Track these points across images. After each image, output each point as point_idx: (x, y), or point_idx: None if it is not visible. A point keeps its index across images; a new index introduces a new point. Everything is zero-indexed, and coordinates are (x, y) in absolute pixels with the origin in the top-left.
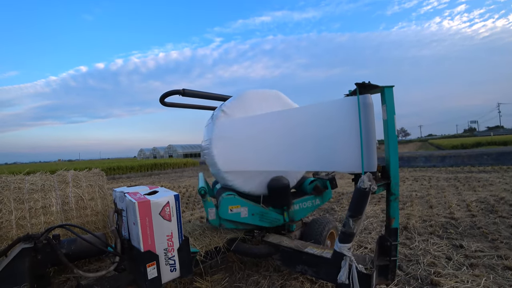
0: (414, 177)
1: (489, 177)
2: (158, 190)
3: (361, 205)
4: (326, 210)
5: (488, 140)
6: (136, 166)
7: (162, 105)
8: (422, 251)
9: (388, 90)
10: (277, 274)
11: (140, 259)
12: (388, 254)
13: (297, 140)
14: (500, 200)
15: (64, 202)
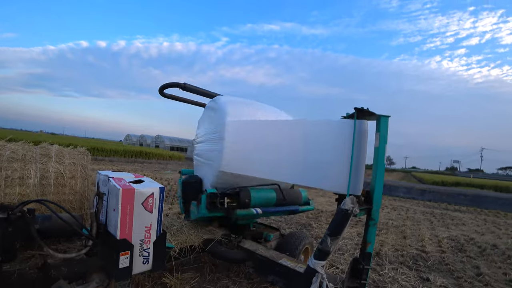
0: (393, 206)
1: (463, 217)
2: (144, 179)
3: (341, 225)
4: (303, 225)
5: (467, 181)
6: (121, 150)
7: (160, 95)
8: (391, 279)
9: (384, 119)
10: (247, 282)
11: (114, 246)
12: (359, 277)
13: (289, 152)
14: (470, 240)
15: (43, 176)
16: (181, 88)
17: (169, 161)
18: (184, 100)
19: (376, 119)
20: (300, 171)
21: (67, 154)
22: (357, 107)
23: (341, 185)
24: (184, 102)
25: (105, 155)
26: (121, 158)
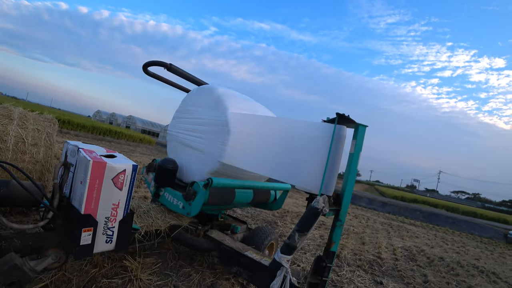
0: (355, 214)
1: (417, 230)
2: (116, 155)
3: (310, 222)
4: (269, 222)
5: (424, 199)
6: (89, 126)
7: (144, 72)
8: (348, 280)
9: (361, 128)
10: (210, 271)
11: (77, 221)
12: (321, 274)
13: (269, 147)
14: (421, 251)
15: (1, 139)
16: (166, 68)
17: (139, 144)
18: (167, 81)
19: (355, 127)
20: (276, 166)
21: (31, 119)
22: (339, 113)
23: (314, 184)
24: (167, 84)
25: (71, 129)
26: (88, 134)
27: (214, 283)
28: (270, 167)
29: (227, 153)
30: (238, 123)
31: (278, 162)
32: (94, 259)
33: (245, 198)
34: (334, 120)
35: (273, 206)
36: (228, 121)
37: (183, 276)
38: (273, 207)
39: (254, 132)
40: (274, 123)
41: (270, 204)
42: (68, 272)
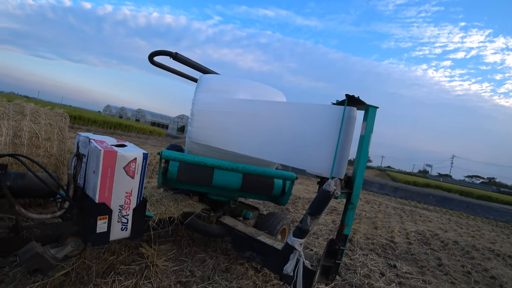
0: (366, 199)
1: (430, 215)
2: (126, 144)
3: (322, 205)
4: (281, 208)
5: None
6: (99, 121)
7: (150, 62)
8: (361, 263)
9: (372, 109)
10: (224, 257)
11: (92, 210)
12: (334, 256)
13: (278, 132)
14: (434, 235)
15: (16, 135)
16: (172, 57)
17: (149, 136)
18: (174, 71)
19: (365, 108)
20: (286, 151)
21: (43, 114)
22: (348, 94)
23: (325, 168)
24: (173, 73)
25: (83, 124)
26: (99, 129)
27: (229, 268)
28: (279, 152)
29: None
30: (212, 105)
31: (287, 147)
32: (112, 247)
33: (230, 182)
34: (343, 102)
35: (281, 199)
36: (195, 102)
37: (198, 261)
38: (280, 201)
39: (252, 116)
40: (282, 108)
41: (275, 197)
42: (88, 259)
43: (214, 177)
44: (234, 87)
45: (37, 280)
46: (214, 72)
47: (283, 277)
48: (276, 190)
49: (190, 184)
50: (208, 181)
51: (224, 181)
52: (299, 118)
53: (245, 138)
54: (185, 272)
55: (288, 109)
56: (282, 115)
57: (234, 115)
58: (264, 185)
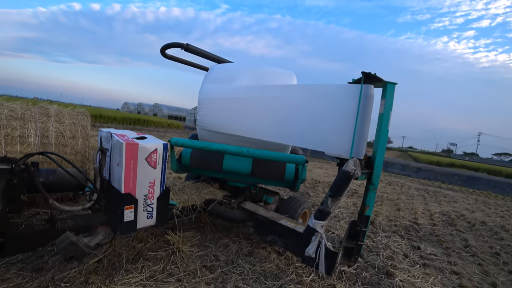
0: (388, 181)
1: (455, 195)
2: (146, 136)
3: (342, 187)
4: (301, 193)
5: (462, 164)
6: (119, 118)
7: (162, 55)
8: (383, 245)
9: (390, 86)
10: (246, 241)
11: (119, 200)
12: (356, 238)
13: (294, 116)
14: (460, 216)
15: (43, 136)
16: (183, 49)
17: (167, 129)
18: (186, 62)
19: (383, 85)
20: (302, 134)
21: (66, 114)
22: (364, 71)
23: (344, 149)
24: (186, 65)
25: (104, 122)
26: (119, 125)
27: (252, 252)
28: (296, 135)
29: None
30: (218, 92)
31: (304, 130)
32: (139, 235)
33: (240, 167)
34: (360, 81)
35: (294, 185)
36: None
37: (222, 246)
38: (293, 186)
39: (274, 102)
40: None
41: (288, 182)
42: (118, 247)
43: (224, 162)
44: (241, 73)
45: (74, 267)
46: (227, 61)
47: (305, 260)
48: (289, 175)
49: (203, 170)
50: (219, 166)
51: (234, 166)
52: (315, 99)
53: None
54: (210, 257)
55: (303, 91)
56: (297, 98)
57: (242, 101)
58: (275, 170)
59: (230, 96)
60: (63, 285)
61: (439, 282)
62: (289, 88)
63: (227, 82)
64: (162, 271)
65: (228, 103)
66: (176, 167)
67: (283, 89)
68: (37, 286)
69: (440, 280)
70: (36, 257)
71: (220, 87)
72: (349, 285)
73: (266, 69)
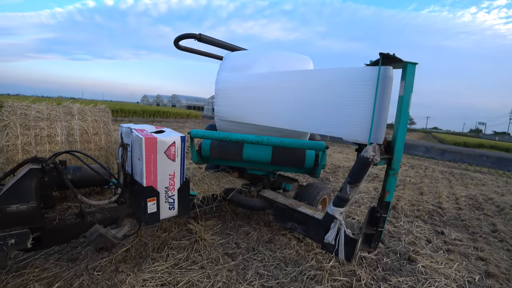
0: (411, 164)
1: (483, 178)
2: (165, 130)
3: (361, 173)
4: (321, 179)
5: (491, 144)
6: (139, 111)
7: (175, 47)
8: (406, 230)
9: (410, 66)
10: (267, 228)
11: (141, 193)
12: (377, 224)
13: (310, 102)
14: (488, 200)
15: (69, 134)
16: (196, 39)
17: (186, 120)
18: (200, 52)
19: (402, 66)
20: (320, 120)
21: (88, 111)
22: (382, 52)
23: (362, 134)
24: (200, 55)
25: (125, 116)
26: (140, 118)
27: (272, 239)
28: (313, 122)
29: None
30: (233, 82)
31: (321, 116)
32: (163, 225)
33: (260, 156)
34: (378, 62)
35: (314, 171)
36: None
37: (243, 234)
38: (313, 173)
39: (291, 88)
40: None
41: (308, 169)
42: (144, 237)
43: (244, 151)
44: (256, 60)
45: (104, 257)
46: (240, 48)
47: (324, 246)
48: (309, 161)
49: (223, 160)
50: (238, 156)
51: (254, 155)
52: (331, 84)
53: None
54: (231, 245)
55: (319, 76)
56: (314, 83)
57: (258, 90)
58: (295, 157)
59: (246, 85)
60: (96, 273)
61: (463, 268)
62: (305, 73)
63: (243, 70)
64: (186, 259)
65: (244, 92)
66: (196, 158)
67: (298, 75)
68: (73, 275)
69: (465, 266)
70: (70, 248)
71: (236, 75)
72: (370, 271)
73: (281, 55)
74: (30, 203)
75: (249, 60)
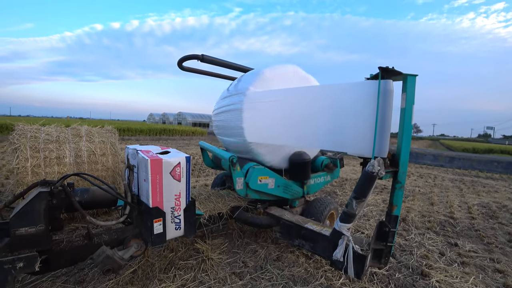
0: (419, 174)
1: (495, 184)
2: (170, 150)
3: (367, 188)
4: (328, 192)
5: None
6: (145, 129)
7: (179, 68)
8: (417, 243)
9: (411, 78)
10: (274, 246)
11: (148, 214)
12: (385, 239)
13: (314, 118)
14: (502, 207)
15: (77, 155)
16: (199, 60)
17: (192, 137)
18: (204, 72)
19: (403, 78)
20: (324, 135)
21: (96, 133)
22: (381, 66)
23: (366, 148)
24: (204, 75)
25: (131, 135)
26: (146, 137)
27: (280, 257)
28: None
29: (249, 133)
30: (260, 101)
31: (325, 131)
32: (170, 245)
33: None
34: (377, 76)
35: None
36: (244, 101)
37: (250, 252)
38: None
39: (286, 105)
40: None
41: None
42: (150, 258)
43: None
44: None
45: (111, 278)
46: (242, 66)
47: (333, 263)
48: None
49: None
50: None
51: None
52: (333, 100)
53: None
54: (239, 263)
55: (320, 92)
56: (314, 99)
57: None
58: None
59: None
60: None
61: (480, 282)
62: (307, 90)
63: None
64: (193, 280)
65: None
66: (210, 163)
67: (300, 91)
68: None
69: (482, 280)
70: (77, 270)
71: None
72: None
73: (270, 72)
74: (39, 226)
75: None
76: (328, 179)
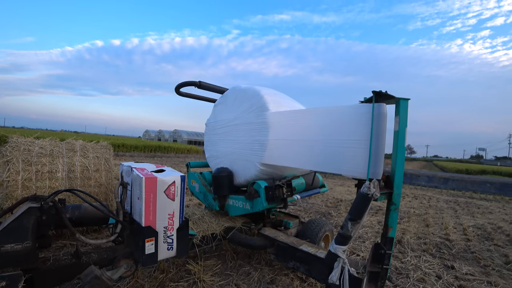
0: (414, 195)
1: (490, 205)
2: (165, 169)
3: (362, 210)
4: (323, 214)
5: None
6: (140, 146)
7: (177, 94)
8: (413, 266)
9: (403, 102)
10: (268, 268)
11: (140, 233)
12: (381, 262)
13: (309, 140)
14: (497, 229)
15: (70, 170)
16: (196, 86)
17: (187, 155)
18: (200, 97)
19: (395, 102)
20: (320, 158)
21: (90, 148)
22: (375, 90)
23: (361, 170)
24: (200, 100)
25: (126, 151)
26: (141, 153)
27: (274, 279)
28: (312, 159)
29: (267, 153)
30: (276, 121)
31: (319, 153)
32: (161, 266)
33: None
34: (371, 100)
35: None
36: (267, 120)
37: (243, 274)
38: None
39: (290, 127)
40: (310, 115)
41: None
42: (140, 278)
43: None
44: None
45: None
46: None
47: (329, 287)
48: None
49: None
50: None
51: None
52: (327, 123)
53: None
54: (231, 286)
55: (315, 115)
56: (309, 122)
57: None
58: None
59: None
60: None
61: None
62: (302, 113)
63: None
64: None
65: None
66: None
67: (296, 114)
68: None
69: None
70: None
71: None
72: None
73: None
74: (26, 243)
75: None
76: (247, 207)
